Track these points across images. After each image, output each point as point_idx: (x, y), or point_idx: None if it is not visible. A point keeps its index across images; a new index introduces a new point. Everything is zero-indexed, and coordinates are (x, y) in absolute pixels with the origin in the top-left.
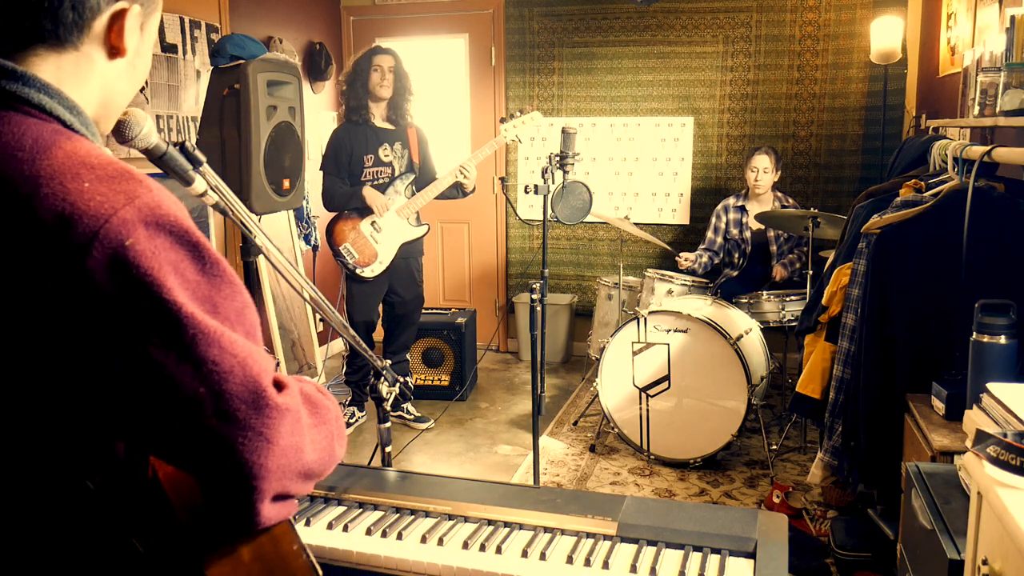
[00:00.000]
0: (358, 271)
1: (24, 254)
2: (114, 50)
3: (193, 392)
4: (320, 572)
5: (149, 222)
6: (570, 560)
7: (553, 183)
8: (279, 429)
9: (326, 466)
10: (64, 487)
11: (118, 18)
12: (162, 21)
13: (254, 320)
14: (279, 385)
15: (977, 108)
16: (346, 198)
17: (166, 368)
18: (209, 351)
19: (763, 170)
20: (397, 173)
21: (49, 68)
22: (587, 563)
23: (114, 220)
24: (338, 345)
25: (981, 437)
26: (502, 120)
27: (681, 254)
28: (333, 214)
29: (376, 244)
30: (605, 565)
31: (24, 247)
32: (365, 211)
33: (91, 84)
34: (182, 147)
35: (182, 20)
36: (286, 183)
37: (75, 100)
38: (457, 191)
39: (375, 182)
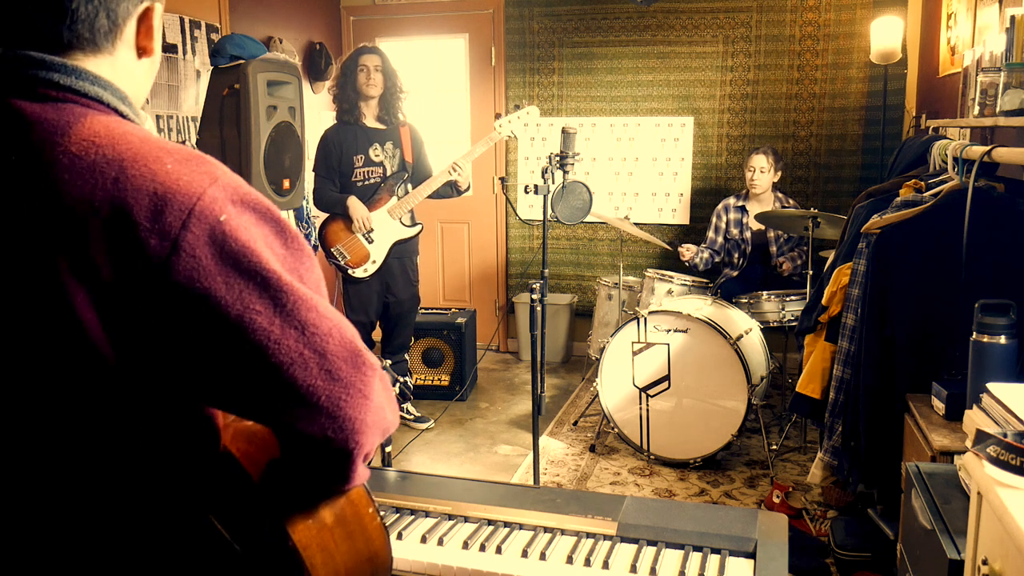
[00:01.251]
0: (350, 271)
1: (115, 232)
2: (142, 50)
3: (299, 355)
4: (389, 534)
5: (235, 200)
6: (570, 560)
7: (553, 183)
8: (373, 386)
9: (394, 426)
10: (141, 462)
11: (145, 19)
12: (162, 21)
13: (327, 293)
14: None
15: (977, 108)
16: (332, 204)
17: (272, 334)
18: (309, 315)
19: (760, 169)
20: (388, 173)
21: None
22: (587, 563)
23: (206, 198)
24: None
25: (981, 437)
26: (497, 116)
27: (684, 245)
28: (324, 216)
29: (368, 244)
30: (605, 565)
31: (115, 225)
32: None
33: (123, 84)
34: None
35: (182, 20)
36: (286, 183)
37: (125, 91)
38: (452, 189)
39: (366, 182)
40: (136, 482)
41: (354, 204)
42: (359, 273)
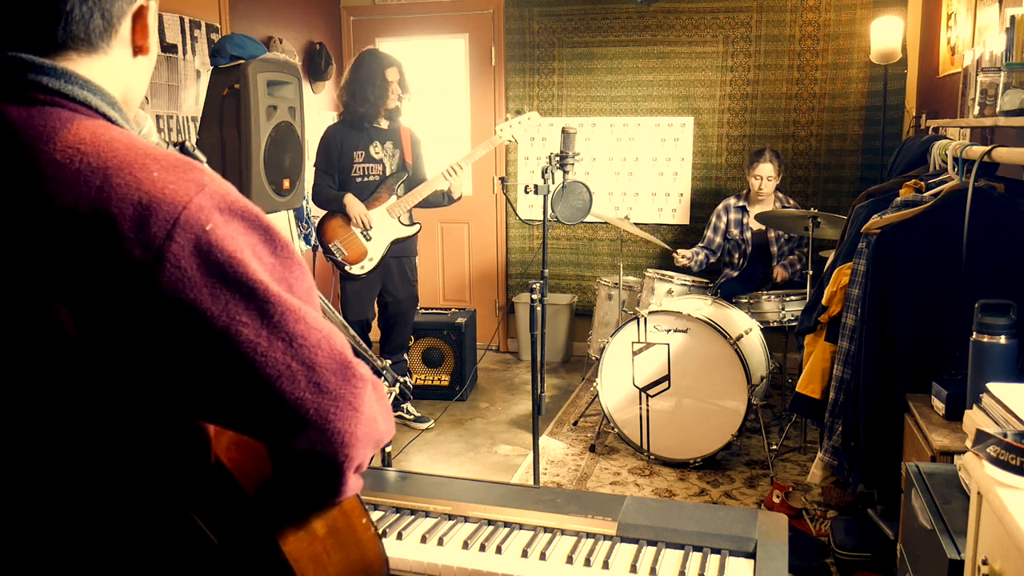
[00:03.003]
0: (347, 268)
1: (99, 242)
2: (138, 49)
3: (286, 367)
4: (384, 547)
5: (223, 208)
6: (570, 560)
7: (553, 183)
8: (364, 398)
9: (389, 437)
10: (125, 475)
11: (139, 17)
12: (162, 21)
13: (319, 302)
14: None
15: (977, 108)
16: (329, 200)
17: (259, 347)
18: (297, 327)
19: (767, 178)
20: (388, 171)
21: (82, 71)
22: (587, 563)
23: (192, 207)
24: None
25: (981, 437)
26: (498, 120)
27: (678, 250)
28: (326, 211)
29: (366, 242)
30: (605, 565)
31: (99, 235)
32: None
33: (118, 83)
34: (182, 147)
35: (182, 20)
36: (286, 183)
37: (114, 95)
38: (443, 197)
39: (365, 178)
40: (122, 487)
41: (351, 201)
42: (356, 270)
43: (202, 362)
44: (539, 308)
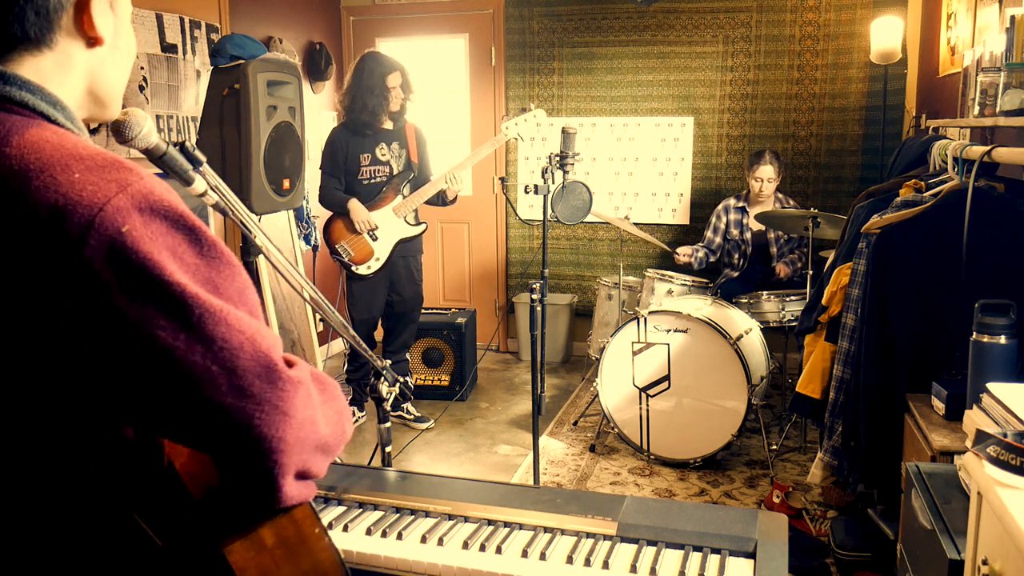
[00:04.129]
0: (354, 268)
1: (18, 247)
2: (91, 40)
3: (205, 371)
4: (341, 555)
5: (143, 208)
6: (570, 560)
7: (553, 183)
8: (294, 401)
9: (339, 441)
10: (69, 477)
11: (83, 8)
12: (162, 21)
13: (255, 300)
14: (287, 362)
15: (977, 108)
16: (334, 204)
17: (176, 351)
18: (217, 329)
19: (768, 180)
20: (395, 172)
21: (29, 69)
22: (587, 563)
23: (108, 208)
24: (338, 345)
25: (981, 437)
26: (503, 117)
27: (679, 249)
28: (332, 213)
29: (372, 242)
30: (605, 565)
31: (17, 241)
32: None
33: (74, 78)
34: (182, 147)
35: (182, 20)
36: (286, 183)
37: (58, 95)
38: (437, 199)
39: (371, 180)
40: (67, 487)
41: (355, 207)
42: (363, 270)
43: (123, 367)
44: (539, 308)
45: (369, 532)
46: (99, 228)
